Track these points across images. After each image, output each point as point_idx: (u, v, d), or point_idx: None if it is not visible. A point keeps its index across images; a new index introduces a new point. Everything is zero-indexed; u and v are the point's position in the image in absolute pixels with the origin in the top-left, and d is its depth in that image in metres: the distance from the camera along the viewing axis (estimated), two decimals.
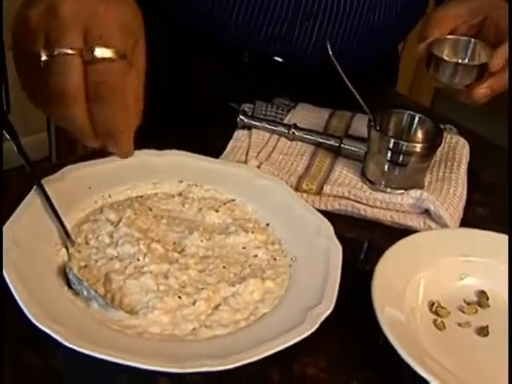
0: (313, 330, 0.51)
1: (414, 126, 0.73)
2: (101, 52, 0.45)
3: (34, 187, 0.62)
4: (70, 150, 2.15)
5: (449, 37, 0.75)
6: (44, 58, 0.44)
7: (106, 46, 0.46)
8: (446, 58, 0.73)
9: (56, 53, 0.44)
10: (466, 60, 0.74)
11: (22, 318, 0.50)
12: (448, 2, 0.78)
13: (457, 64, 0.72)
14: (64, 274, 0.55)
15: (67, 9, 0.45)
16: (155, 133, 0.80)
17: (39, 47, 0.45)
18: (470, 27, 0.75)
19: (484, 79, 0.71)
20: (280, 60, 0.94)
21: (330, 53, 0.68)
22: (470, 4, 0.75)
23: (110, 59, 0.46)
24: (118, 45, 0.46)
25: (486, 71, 0.71)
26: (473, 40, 0.75)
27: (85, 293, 0.53)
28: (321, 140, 0.79)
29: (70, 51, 0.44)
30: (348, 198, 0.71)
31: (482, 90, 0.71)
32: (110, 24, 0.47)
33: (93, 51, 0.45)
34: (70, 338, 0.48)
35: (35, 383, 0.50)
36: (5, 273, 0.52)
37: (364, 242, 0.70)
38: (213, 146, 0.76)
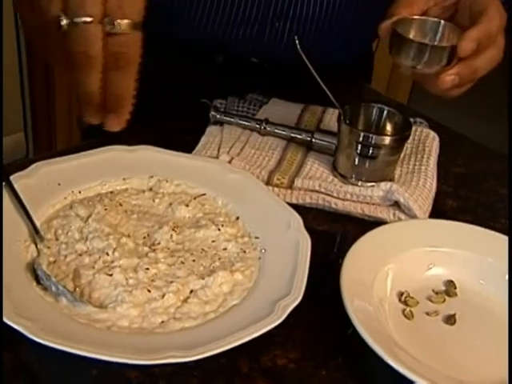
0: (280, 320, 0.52)
1: (383, 119, 0.74)
2: (122, 25, 0.47)
3: (3, 183, 0.62)
4: (48, 150, 2.14)
5: (416, 17, 0.68)
6: (64, 23, 0.45)
7: (126, 17, 0.47)
8: (411, 37, 0.66)
9: (77, 20, 0.45)
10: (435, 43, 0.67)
11: None
12: None
13: (422, 44, 0.65)
14: (33, 269, 0.55)
15: None
16: (126, 128, 0.80)
17: (57, 12, 0.46)
18: (443, 9, 0.69)
19: (452, 65, 0.64)
20: (254, 60, 0.94)
21: (298, 47, 0.69)
22: None
23: (129, 31, 0.47)
24: (135, 16, 0.48)
25: (455, 56, 0.64)
26: (442, 22, 0.68)
27: (53, 288, 0.53)
28: (292, 134, 0.79)
29: (90, 19, 0.45)
30: (319, 192, 0.71)
31: (450, 78, 0.64)
32: None
33: (114, 23, 0.46)
34: (38, 332, 0.48)
35: (5, 379, 0.50)
36: None
37: (335, 235, 0.70)
38: (185, 142, 0.76)
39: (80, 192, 0.65)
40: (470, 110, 2.09)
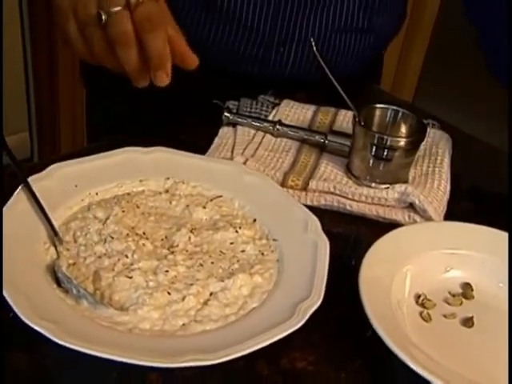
0: (301, 323, 0.52)
1: (398, 121, 0.74)
2: None
3: (21, 186, 0.62)
4: (53, 150, 2.14)
5: None
6: (104, 17, 0.59)
7: None
8: None
9: (111, 11, 0.59)
10: None
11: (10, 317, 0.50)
12: None
13: None
14: (53, 272, 0.55)
15: None
16: (141, 130, 0.80)
17: (96, 10, 0.60)
18: None
19: None
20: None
21: (314, 49, 0.69)
22: None
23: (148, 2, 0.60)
24: None
25: None
26: None
27: (74, 291, 0.53)
28: (306, 136, 0.79)
29: (119, 8, 0.59)
30: (333, 194, 0.71)
31: None
32: None
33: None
34: (60, 334, 0.48)
35: (24, 381, 0.50)
36: None
37: (350, 237, 0.70)
38: (198, 144, 0.76)
39: (97, 194, 0.65)
40: (473, 110, 2.09)
